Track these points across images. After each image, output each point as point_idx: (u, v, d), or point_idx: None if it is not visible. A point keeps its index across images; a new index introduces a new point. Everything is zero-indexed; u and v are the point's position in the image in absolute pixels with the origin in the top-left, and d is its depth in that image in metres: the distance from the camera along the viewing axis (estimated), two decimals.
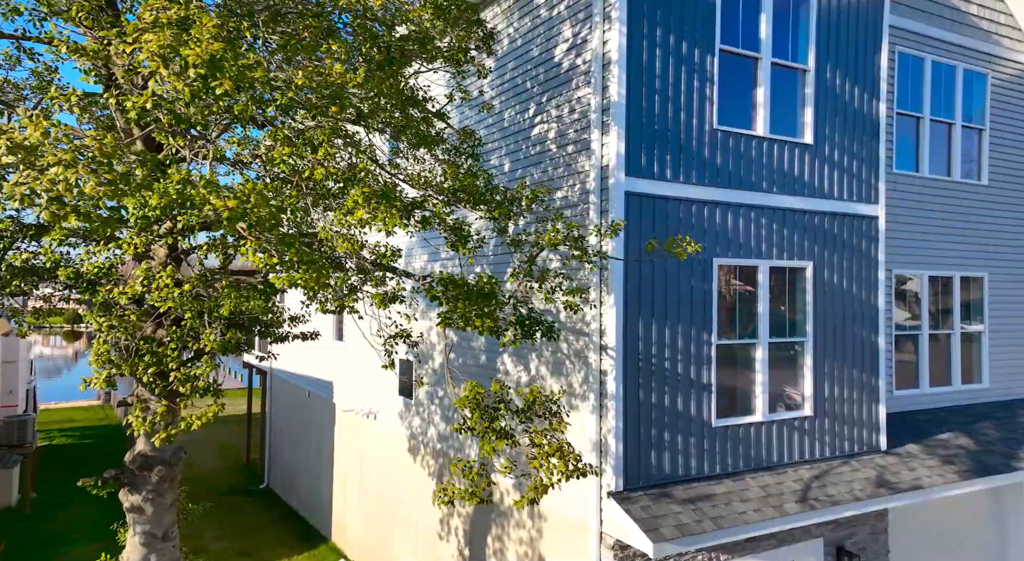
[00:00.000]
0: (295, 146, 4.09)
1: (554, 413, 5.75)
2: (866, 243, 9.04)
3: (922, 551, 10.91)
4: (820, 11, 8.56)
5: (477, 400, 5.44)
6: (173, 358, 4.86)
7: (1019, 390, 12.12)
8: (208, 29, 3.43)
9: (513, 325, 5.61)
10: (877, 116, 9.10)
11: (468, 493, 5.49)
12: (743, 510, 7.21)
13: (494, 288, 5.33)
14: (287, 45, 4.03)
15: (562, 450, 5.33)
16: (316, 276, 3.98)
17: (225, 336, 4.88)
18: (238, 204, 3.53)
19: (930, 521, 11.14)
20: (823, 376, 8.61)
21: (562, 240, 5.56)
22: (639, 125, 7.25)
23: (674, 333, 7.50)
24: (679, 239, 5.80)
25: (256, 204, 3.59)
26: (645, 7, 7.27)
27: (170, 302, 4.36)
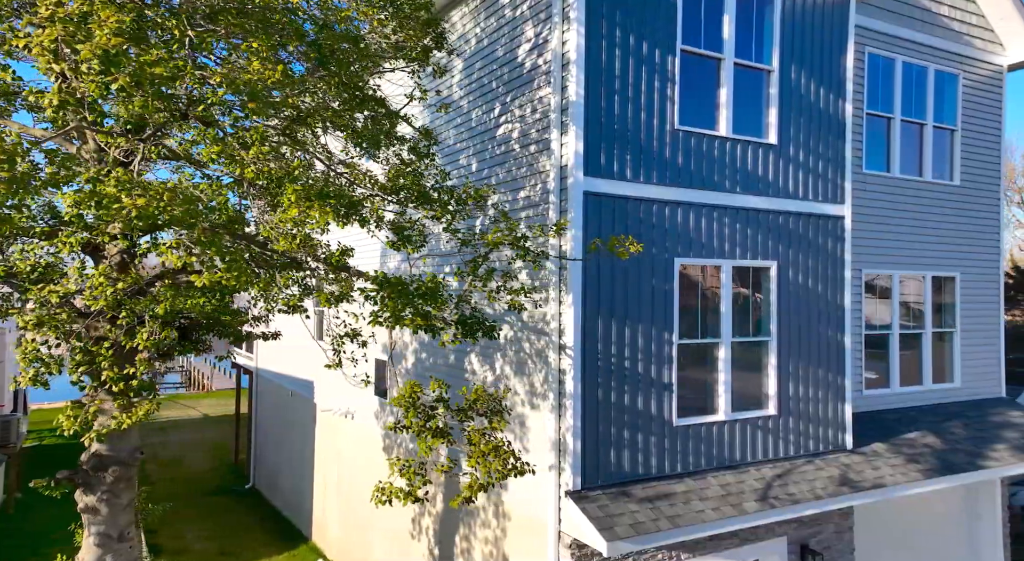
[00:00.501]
0: (226, 145, 4.10)
1: (495, 412, 5.75)
2: (832, 243, 9.06)
3: (889, 549, 10.95)
4: (784, 12, 8.58)
5: (413, 399, 5.43)
6: (106, 358, 4.85)
7: (991, 389, 12.15)
8: (109, 24, 3.42)
9: (454, 324, 5.61)
10: (843, 116, 9.12)
11: (405, 492, 5.49)
12: (701, 509, 7.23)
13: (437, 287, 5.33)
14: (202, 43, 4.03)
15: (497, 449, 5.33)
16: (237, 274, 3.97)
17: (160, 336, 4.86)
18: (147, 202, 3.53)
19: (899, 519, 11.18)
20: (788, 375, 8.63)
21: (504, 240, 5.57)
22: (598, 125, 7.27)
23: (634, 332, 7.51)
24: (622, 239, 5.81)
25: (169, 203, 3.59)
26: (604, 7, 7.28)
27: (102, 301, 4.36)
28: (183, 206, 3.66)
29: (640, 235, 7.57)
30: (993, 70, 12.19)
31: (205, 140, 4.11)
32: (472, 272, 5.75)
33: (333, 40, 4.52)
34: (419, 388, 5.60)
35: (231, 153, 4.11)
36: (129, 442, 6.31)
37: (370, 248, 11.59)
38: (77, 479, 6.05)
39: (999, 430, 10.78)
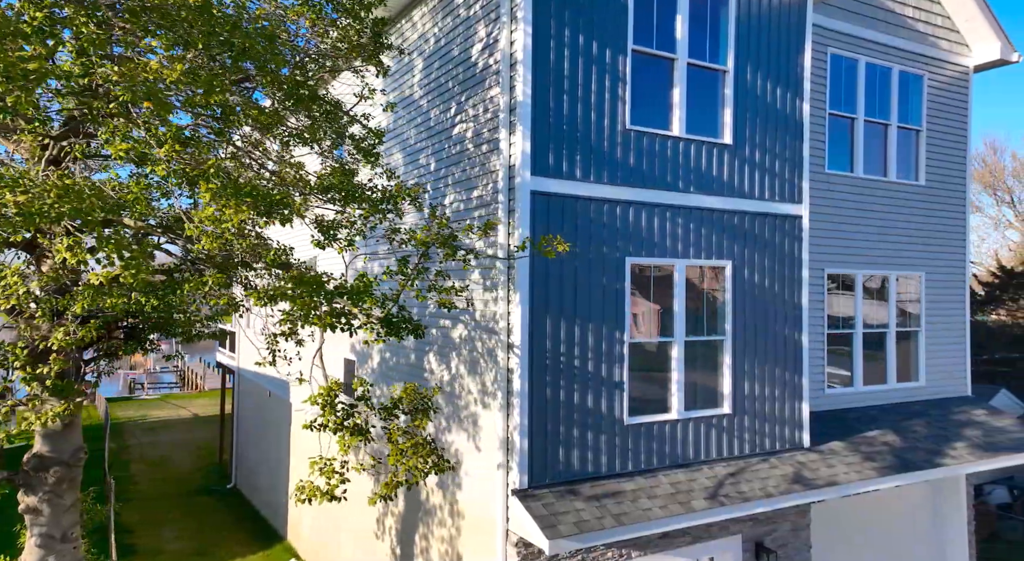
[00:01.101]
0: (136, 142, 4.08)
1: (422, 410, 5.74)
2: (789, 242, 9.07)
3: (853, 547, 10.98)
4: (739, 13, 8.59)
5: (330, 398, 5.42)
6: (19, 357, 4.82)
7: (957, 389, 12.19)
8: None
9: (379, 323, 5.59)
10: (801, 116, 9.13)
11: (322, 491, 5.48)
12: (649, 507, 7.23)
13: (366, 286, 5.31)
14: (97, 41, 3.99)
15: (417, 446, 5.32)
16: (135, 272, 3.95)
17: (78, 335, 4.83)
18: (29, 199, 3.51)
19: (866, 517, 11.21)
20: (743, 374, 8.64)
21: (432, 239, 5.56)
22: (547, 125, 7.26)
23: (584, 331, 7.51)
24: (549, 238, 5.80)
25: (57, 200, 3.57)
26: (553, 7, 7.28)
27: (13, 300, 4.34)
28: (72, 203, 3.64)
29: (591, 234, 7.58)
30: (959, 71, 12.23)
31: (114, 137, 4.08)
32: (400, 271, 5.74)
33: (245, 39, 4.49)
34: (338, 386, 5.59)
35: (142, 151, 4.09)
36: (71, 443, 6.29)
37: None
38: (17, 480, 6.02)
39: (961, 429, 10.82)
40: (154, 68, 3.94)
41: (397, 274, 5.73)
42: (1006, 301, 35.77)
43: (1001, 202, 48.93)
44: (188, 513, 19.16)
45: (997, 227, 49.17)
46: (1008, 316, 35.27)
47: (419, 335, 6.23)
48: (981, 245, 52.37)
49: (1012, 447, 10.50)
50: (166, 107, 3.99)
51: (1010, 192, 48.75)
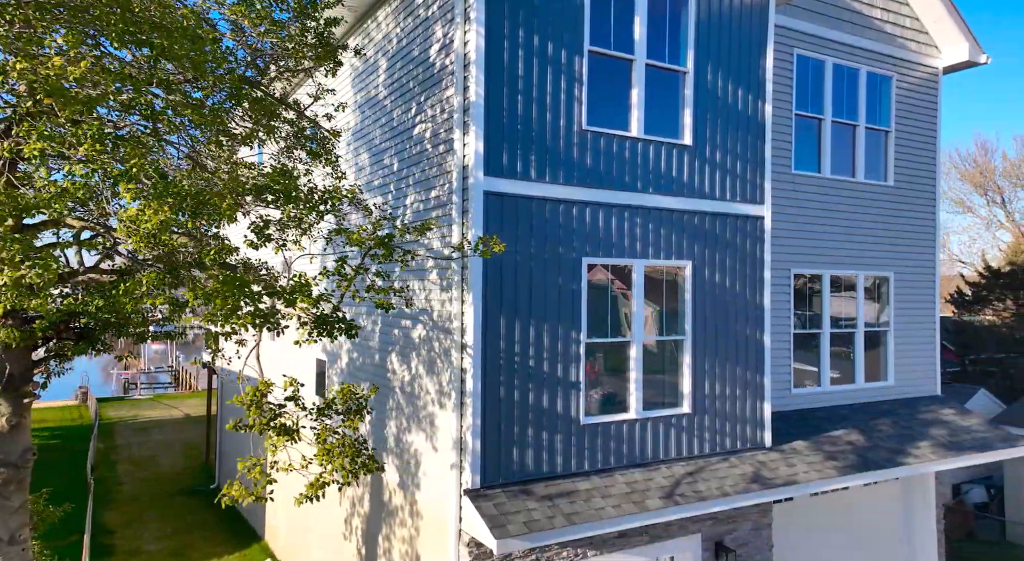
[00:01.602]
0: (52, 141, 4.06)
1: (355, 410, 5.73)
2: (751, 243, 9.08)
3: (821, 545, 10.98)
4: (699, 14, 8.60)
5: (256, 398, 5.41)
6: None
7: (927, 388, 12.22)
8: None
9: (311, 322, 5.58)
10: (763, 117, 9.14)
11: (247, 492, 5.47)
12: (602, 506, 7.23)
13: (302, 286, 5.30)
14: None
15: (344, 447, 5.31)
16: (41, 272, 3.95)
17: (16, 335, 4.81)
18: None
19: (831, 515, 11.22)
20: (703, 374, 8.64)
21: (366, 239, 5.55)
22: (500, 125, 7.26)
23: (540, 331, 7.50)
24: (486, 238, 5.79)
25: None
26: (506, 8, 7.27)
27: None
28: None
29: (546, 234, 7.57)
30: (928, 72, 12.25)
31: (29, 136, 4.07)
32: (337, 271, 5.73)
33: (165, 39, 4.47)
34: (267, 387, 5.58)
35: (59, 151, 4.08)
36: (19, 444, 6.26)
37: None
38: None
39: (927, 428, 10.84)
40: (57, 64, 3.92)
41: (334, 274, 5.72)
42: (993, 302, 35.89)
43: (992, 203, 49.11)
44: (170, 513, 19.11)
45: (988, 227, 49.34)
46: (995, 316, 35.39)
47: (352, 335, 6.22)
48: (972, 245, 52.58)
49: (976, 446, 10.53)
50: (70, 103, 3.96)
51: (1001, 192, 48.92)
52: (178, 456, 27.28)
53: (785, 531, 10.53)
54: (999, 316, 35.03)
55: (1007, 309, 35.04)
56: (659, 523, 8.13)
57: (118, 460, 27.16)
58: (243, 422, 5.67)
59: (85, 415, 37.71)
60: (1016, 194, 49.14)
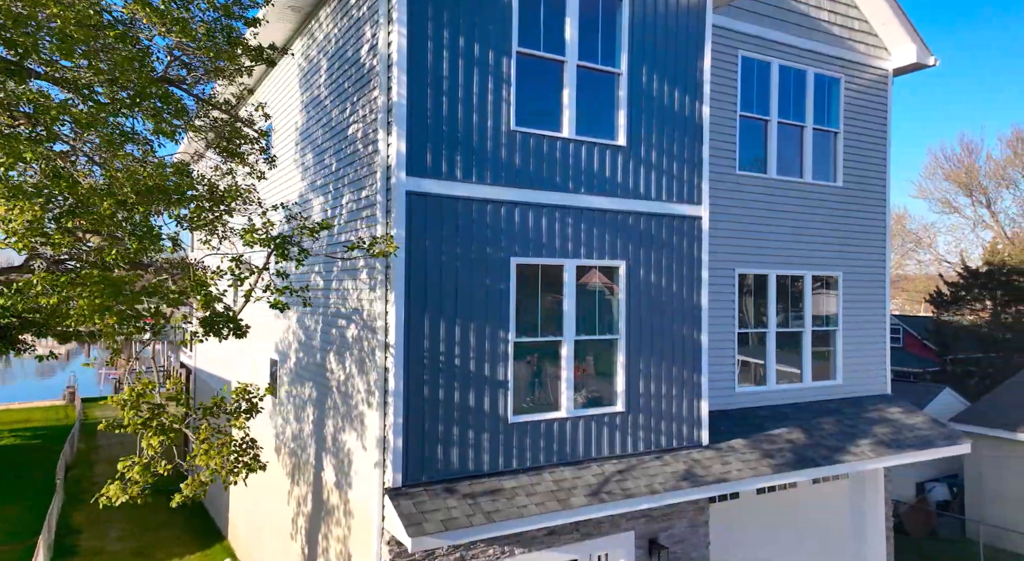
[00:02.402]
0: None
1: (246, 410, 5.74)
2: (688, 243, 9.11)
3: (768, 542, 11.03)
4: (633, 16, 8.62)
5: (132, 398, 5.41)
6: None
7: (876, 387, 12.27)
8: None
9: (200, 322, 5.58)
10: (700, 119, 9.17)
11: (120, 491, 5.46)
12: (525, 504, 7.24)
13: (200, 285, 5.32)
14: None
15: (223, 445, 5.31)
16: None
17: None
18: None
19: (780, 512, 11.27)
20: (638, 373, 8.67)
21: (256, 240, 5.55)
22: (424, 126, 7.27)
23: (466, 331, 7.51)
24: (383, 238, 5.80)
25: None
26: (430, 9, 7.28)
27: None
28: None
29: (473, 234, 7.58)
30: (878, 74, 12.32)
31: None
32: (231, 271, 5.73)
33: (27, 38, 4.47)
34: (151, 385, 5.58)
35: None
36: None
37: None
38: None
39: (871, 426, 10.90)
40: None
41: (227, 274, 5.73)
42: (971, 301, 36.09)
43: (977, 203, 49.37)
44: (139, 513, 18.94)
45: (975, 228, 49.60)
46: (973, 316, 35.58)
47: (240, 335, 6.23)
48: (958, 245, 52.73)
49: (916, 444, 10.60)
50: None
51: (985, 192, 49.20)
52: None
53: (731, 528, 10.58)
54: (977, 316, 35.25)
55: (985, 309, 35.26)
56: (591, 520, 8.16)
57: (96, 460, 27.05)
58: (118, 422, 5.66)
59: (71, 415, 37.50)
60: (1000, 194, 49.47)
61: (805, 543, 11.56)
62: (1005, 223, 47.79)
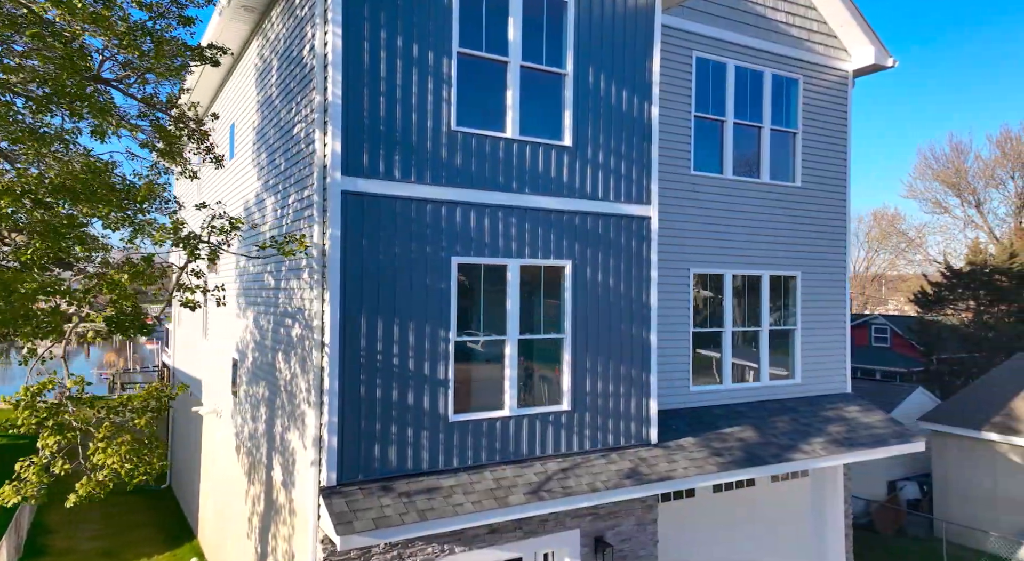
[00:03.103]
0: None
1: (153, 410, 5.74)
2: (637, 242, 9.12)
3: (725, 540, 11.05)
4: (579, 17, 8.63)
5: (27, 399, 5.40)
6: None
7: (836, 386, 12.30)
8: None
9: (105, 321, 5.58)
10: (649, 120, 9.18)
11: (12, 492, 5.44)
12: (461, 502, 7.25)
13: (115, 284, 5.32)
14: None
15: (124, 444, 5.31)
16: None
17: None
18: None
19: (733, 511, 11.29)
20: (584, 372, 8.67)
21: (165, 238, 5.56)
22: (360, 125, 7.26)
23: (406, 330, 7.51)
24: (291, 237, 5.81)
25: None
26: (367, 9, 7.28)
27: None
28: None
29: (412, 234, 7.58)
30: (838, 75, 12.35)
31: None
32: (140, 270, 5.74)
33: None
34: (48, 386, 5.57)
35: None
36: None
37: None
38: None
39: (826, 424, 10.93)
40: None
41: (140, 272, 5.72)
42: (955, 301, 36.17)
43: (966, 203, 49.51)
44: (115, 512, 18.96)
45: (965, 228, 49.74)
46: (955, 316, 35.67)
47: (145, 333, 6.23)
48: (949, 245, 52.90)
49: (870, 443, 10.63)
50: None
51: (975, 193, 49.35)
52: None
53: (685, 527, 10.60)
54: (959, 316, 35.35)
55: (968, 309, 35.36)
56: (534, 518, 8.16)
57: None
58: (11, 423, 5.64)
59: None
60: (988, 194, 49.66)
61: (764, 541, 11.58)
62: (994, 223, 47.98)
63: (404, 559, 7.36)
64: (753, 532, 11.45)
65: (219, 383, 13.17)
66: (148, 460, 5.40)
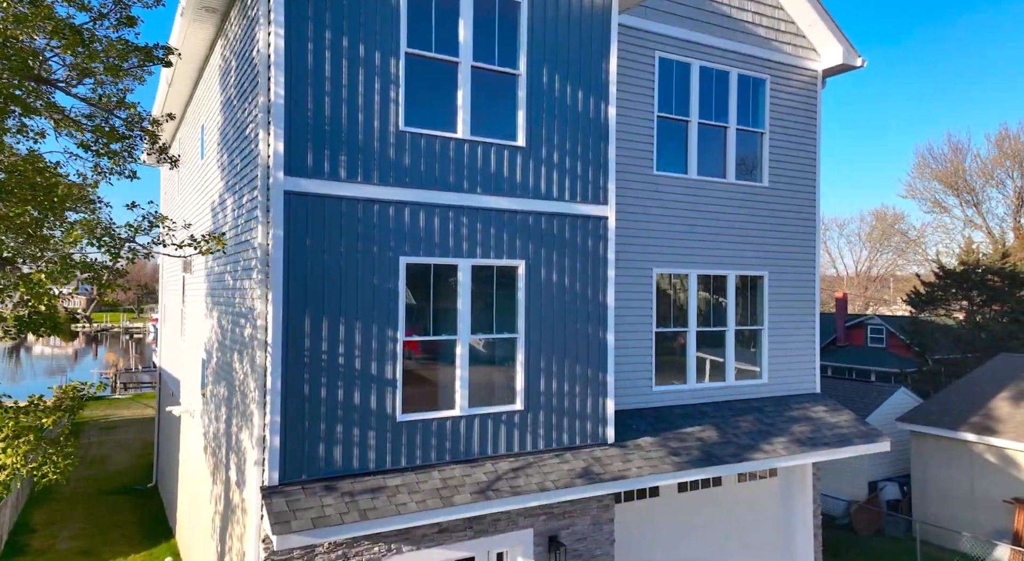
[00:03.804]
0: None
1: (68, 408, 5.74)
2: (593, 242, 9.09)
3: (685, 539, 10.99)
4: (533, 18, 8.61)
5: None
6: None
7: (805, 386, 12.25)
8: None
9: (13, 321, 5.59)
10: (605, 119, 9.16)
11: None
12: (405, 502, 7.23)
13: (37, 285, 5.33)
14: None
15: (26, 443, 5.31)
16: None
17: None
18: None
19: (701, 510, 11.24)
20: (539, 371, 8.65)
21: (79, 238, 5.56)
22: (305, 126, 7.25)
23: (352, 330, 7.50)
24: (211, 235, 5.80)
25: None
26: (311, 10, 7.27)
27: None
28: None
29: (359, 234, 7.57)
30: (808, 75, 12.30)
31: None
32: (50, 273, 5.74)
33: None
34: None
35: None
36: None
37: None
38: None
39: (790, 424, 10.88)
40: None
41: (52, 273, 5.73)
42: (948, 301, 36.01)
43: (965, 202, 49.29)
44: (98, 512, 19.02)
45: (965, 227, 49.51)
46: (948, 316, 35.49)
47: (55, 333, 6.23)
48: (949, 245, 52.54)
49: (832, 443, 10.58)
50: None
51: (974, 193, 49.15)
52: (131, 455, 27.18)
53: (647, 527, 10.56)
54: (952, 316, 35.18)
55: (962, 309, 35.19)
56: (486, 517, 8.14)
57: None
58: None
59: None
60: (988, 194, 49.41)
61: (732, 541, 11.53)
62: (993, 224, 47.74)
63: (349, 558, 7.35)
64: (721, 532, 11.40)
65: (192, 382, 13.20)
66: (54, 460, 5.40)
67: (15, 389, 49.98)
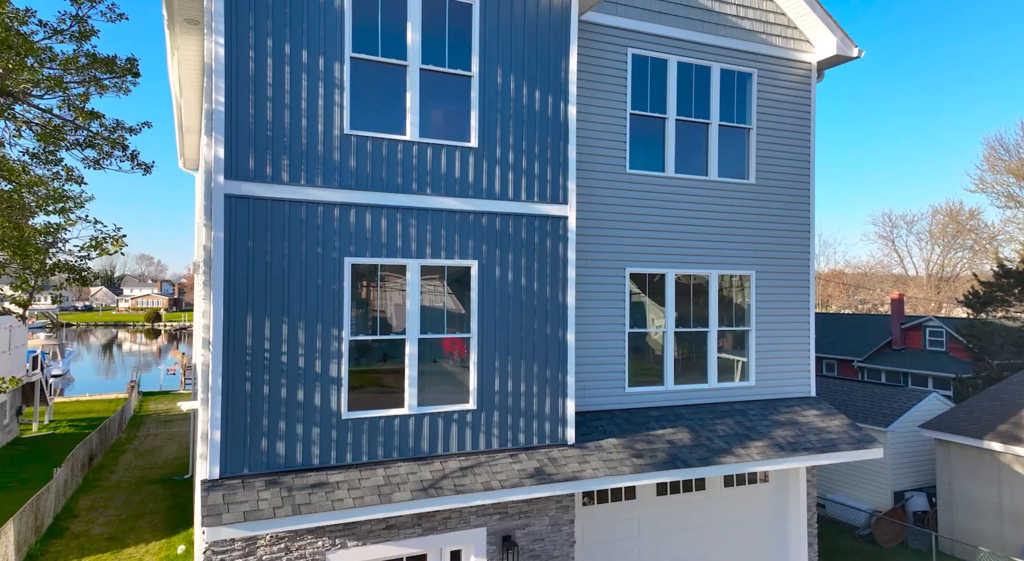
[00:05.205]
0: None
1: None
2: (552, 242, 8.94)
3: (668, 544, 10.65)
4: (486, 19, 8.54)
5: None
6: None
7: (797, 388, 11.69)
8: None
9: None
10: (565, 119, 8.99)
11: None
12: (342, 498, 7.27)
13: None
14: None
15: None
16: None
17: None
18: None
19: (687, 515, 10.88)
20: (492, 371, 8.56)
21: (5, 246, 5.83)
22: (247, 131, 7.40)
23: (295, 329, 7.59)
24: (109, 236, 5.96)
25: None
26: (252, 19, 7.42)
27: None
28: None
29: (303, 236, 7.66)
30: (800, 68, 11.76)
31: None
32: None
33: None
34: None
35: None
36: None
37: None
38: None
39: (772, 429, 10.41)
40: None
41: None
42: (1011, 302, 33.74)
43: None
44: (135, 500, 19.96)
45: None
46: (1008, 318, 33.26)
47: None
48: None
49: (816, 448, 10.05)
50: None
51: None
52: (179, 447, 28.42)
53: (620, 530, 10.29)
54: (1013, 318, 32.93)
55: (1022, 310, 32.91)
56: (436, 514, 8.11)
57: (126, 450, 28.45)
58: None
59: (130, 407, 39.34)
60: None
61: (716, 548, 11.12)
62: None
63: (291, 552, 7.45)
64: (704, 538, 11.00)
65: (201, 379, 13.68)
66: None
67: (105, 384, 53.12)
